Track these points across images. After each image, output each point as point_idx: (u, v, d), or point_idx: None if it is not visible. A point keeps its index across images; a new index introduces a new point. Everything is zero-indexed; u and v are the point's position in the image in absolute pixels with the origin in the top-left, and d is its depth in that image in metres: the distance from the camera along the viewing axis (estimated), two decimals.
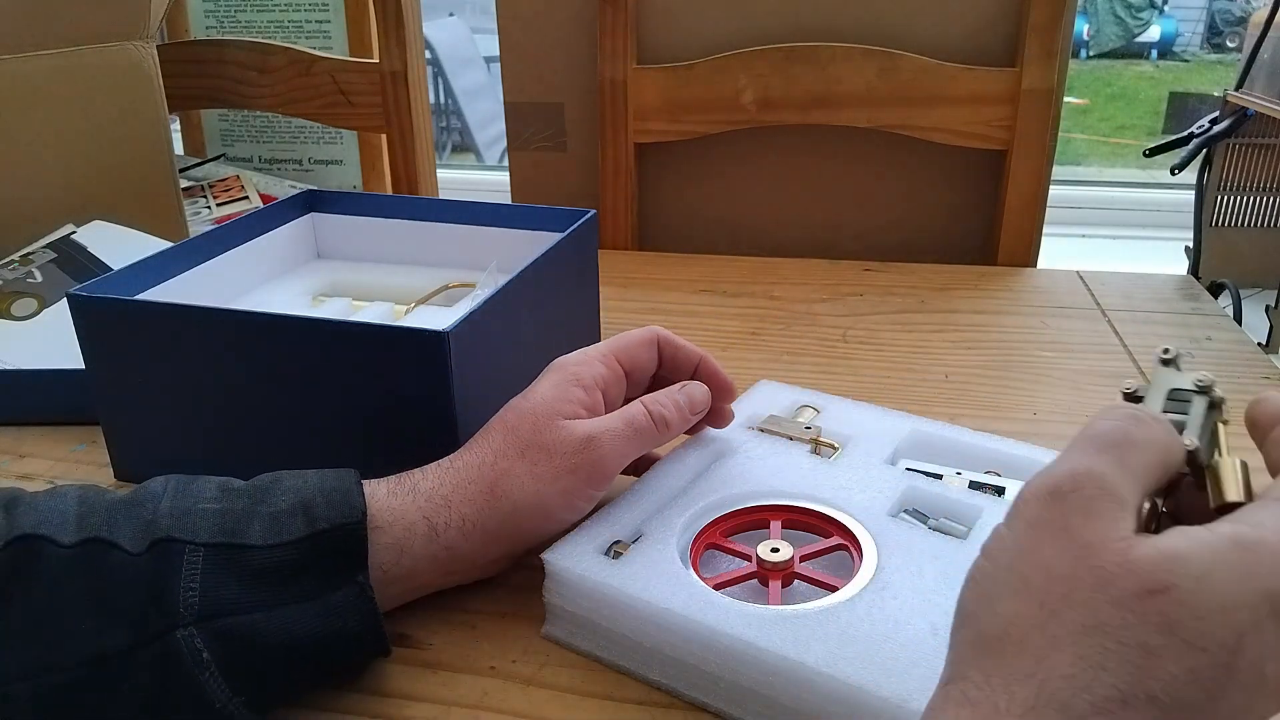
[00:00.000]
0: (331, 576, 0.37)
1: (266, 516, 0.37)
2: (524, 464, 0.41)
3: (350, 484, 0.39)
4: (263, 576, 0.36)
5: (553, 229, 0.64)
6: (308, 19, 1.24)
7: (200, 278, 0.61)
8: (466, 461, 0.42)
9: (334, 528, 0.37)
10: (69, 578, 0.35)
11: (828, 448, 0.50)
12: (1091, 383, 0.67)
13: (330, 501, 0.38)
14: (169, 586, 0.35)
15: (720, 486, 0.46)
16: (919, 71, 0.91)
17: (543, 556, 0.41)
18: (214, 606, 0.35)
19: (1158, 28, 4.49)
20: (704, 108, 0.95)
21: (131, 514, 0.37)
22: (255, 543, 0.37)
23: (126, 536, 0.36)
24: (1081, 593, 0.24)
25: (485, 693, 0.40)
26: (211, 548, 0.36)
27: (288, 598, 0.36)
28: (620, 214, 1.00)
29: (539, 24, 0.98)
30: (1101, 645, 0.24)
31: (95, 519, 0.36)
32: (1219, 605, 0.23)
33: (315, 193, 0.73)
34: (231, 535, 0.37)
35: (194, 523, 0.37)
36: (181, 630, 0.34)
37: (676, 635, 0.38)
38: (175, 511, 0.37)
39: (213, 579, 0.35)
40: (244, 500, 0.38)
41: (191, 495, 0.38)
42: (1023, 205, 0.93)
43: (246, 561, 0.36)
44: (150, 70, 0.86)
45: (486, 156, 3.22)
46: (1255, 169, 1.50)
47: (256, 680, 0.36)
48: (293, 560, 0.37)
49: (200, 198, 1.09)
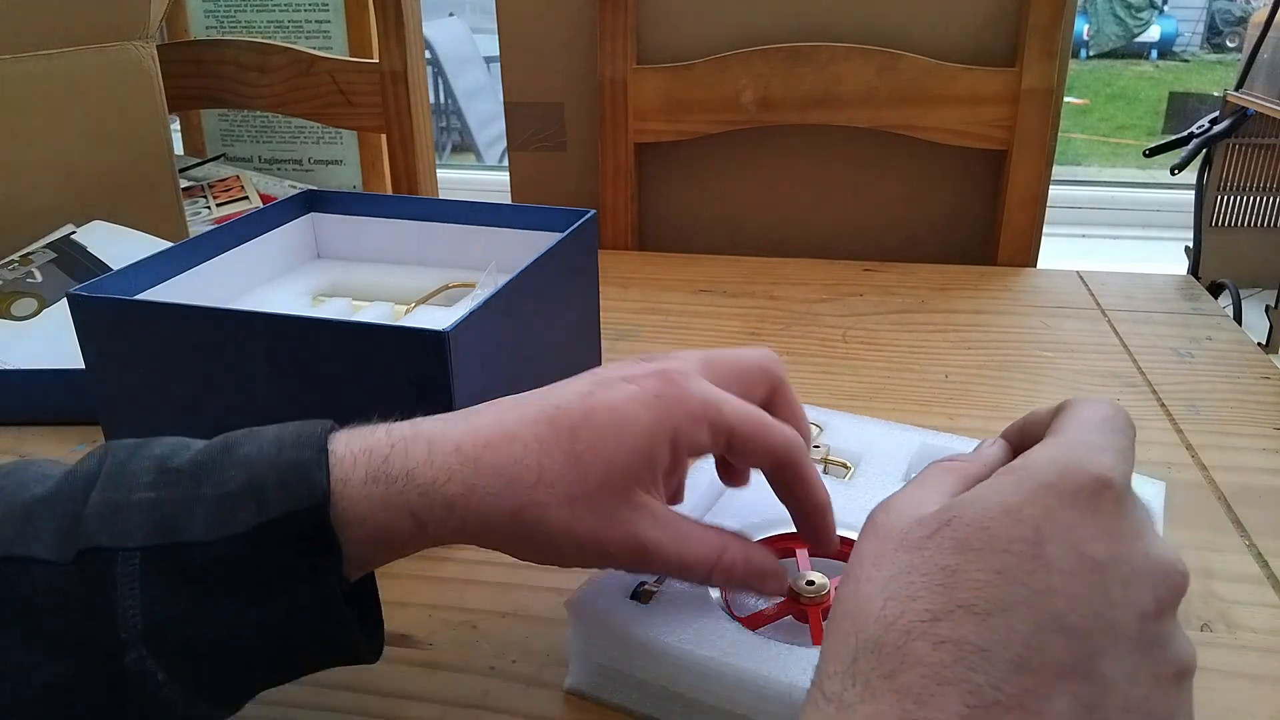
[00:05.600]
0: (290, 573, 0.30)
1: (211, 501, 0.30)
2: (566, 516, 0.32)
3: (310, 455, 0.31)
4: (211, 577, 0.30)
5: (553, 229, 0.64)
6: (308, 19, 1.24)
7: (200, 278, 0.61)
8: (496, 460, 0.32)
9: (286, 515, 0.30)
10: None
11: (839, 467, 0.49)
12: (1091, 383, 0.67)
13: (285, 481, 0.30)
14: (105, 605, 0.29)
15: (737, 516, 0.44)
16: (919, 71, 0.91)
17: (566, 604, 0.39)
18: (160, 622, 0.29)
19: (1158, 28, 4.50)
20: (704, 108, 0.95)
21: (55, 511, 0.30)
22: (198, 538, 0.30)
23: (47, 544, 0.30)
24: (886, 557, 0.26)
25: (485, 693, 0.40)
26: (148, 551, 0.30)
27: (244, 601, 0.30)
28: (620, 214, 1.00)
29: (539, 24, 0.98)
30: (908, 582, 0.25)
31: (9, 529, 0.30)
32: (1001, 509, 0.25)
33: (315, 193, 0.73)
34: (169, 534, 0.30)
35: (125, 521, 0.30)
36: (129, 655, 0.29)
37: (720, 683, 0.35)
38: (105, 508, 0.30)
39: (154, 590, 0.29)
40: (184, 485, 0.31)
41: (124, 482, 0.31)
42: (1023, 205, 0.93)
43: (189, 562, 0.30)
44: (150, 70, 0.86)
45: (486, 156, 3.22)
46: (1255, 169, 1.50)
47: (222, 687, 0.32)
48: (243, 556, 0.30)
49: (200, 198, 1.09)
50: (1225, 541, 0.50)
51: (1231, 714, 0.39)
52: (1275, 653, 0.42)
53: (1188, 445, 0.59)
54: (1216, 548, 0.49)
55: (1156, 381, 0.67)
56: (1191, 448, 0.59)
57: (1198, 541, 0.49)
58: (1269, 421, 0.62)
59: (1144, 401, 0.65)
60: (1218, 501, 0.53)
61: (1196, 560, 0.48)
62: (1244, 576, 0.47)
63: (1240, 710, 0.39)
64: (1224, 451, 0.58)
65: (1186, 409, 0.63)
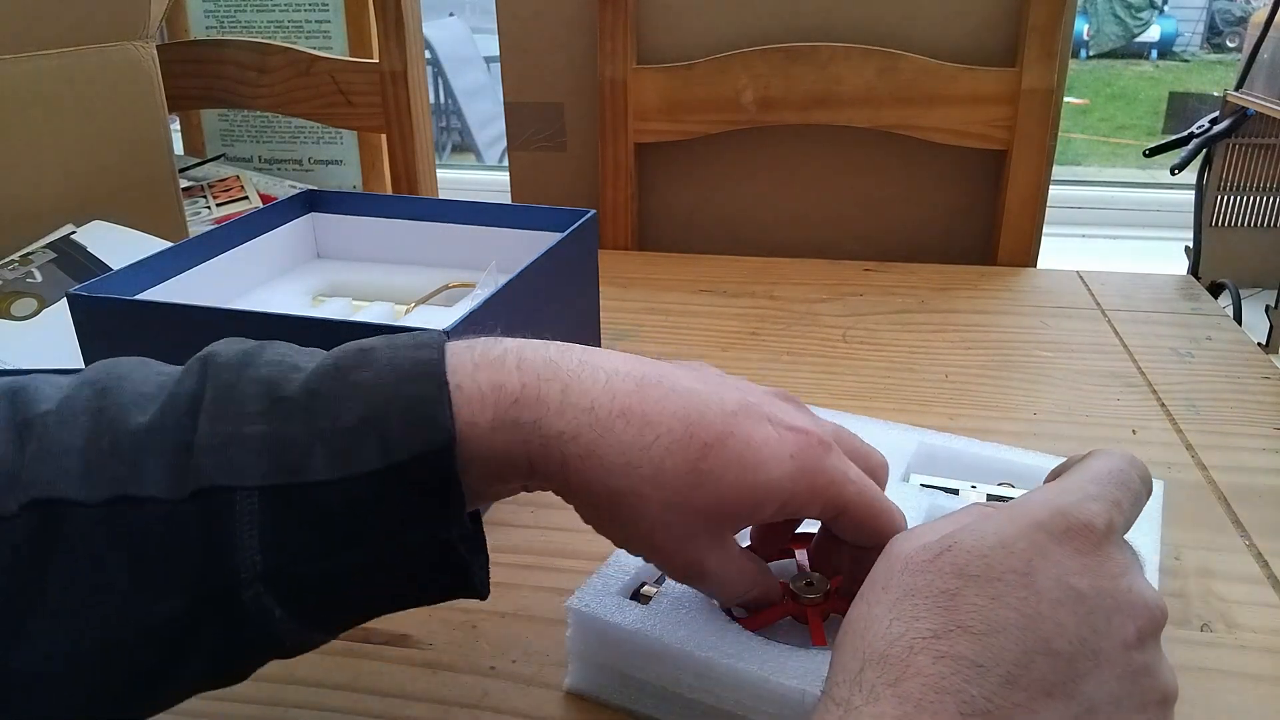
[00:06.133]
0: (414, 517, 0.30)
1: (330, 437, 0.29)
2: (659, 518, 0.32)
3: (433, 390, 0.30)
4: (332, 518, 0.29)
5: (553, 229, 0.64)
6: (308, 19, 1.24)
7: (200, 278, 0.61)
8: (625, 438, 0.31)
9: (412, 459, 0.29)
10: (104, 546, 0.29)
11: None
12: (1091, 383, 0.67)
13: (409, 417, 0.29)
14: (224, 544, 0.29)
15: None
16: (919, 71, 0.91)
17: (565, 605, 0.39)
18: (279, 561, 0.29)
19: (1158, 28, 4.50)
20: (704, 108, 0.95)
21: (163, 444, 0.29)
22: (319, 478, 0.29)
23: (158, 481, 0.29)
24: (894, 580, 0.28)
25: (485, 693, 0.40)
26: (266, 491, 0.29)
27: (365, 541, 0.30)
28: (620, 214, 1.00)
29: (539, 24, 0.98)
30: (912, 603, 0.27)
31: (119, 462, 0.29)
32: (997, 541, 0.27)
33: (315, 193, 0.73)
34: (288, 472, 0.29)
35: (240, 458, 0.29)
36: (246, 591, 0.29)
37: (719, 684, 0.36)
38: (215, 441, 0.29)
39: (273, 529, 0.29)
40: (299, 417, 0.30)
41: (233, 410, 0.30)
42: (1022, 205, 0.93)
43: (310, 502, 0.29)
44: (150, 70, 0.86)
45: (486, 156, 3.22)
46: (1255, 169, 1.50)
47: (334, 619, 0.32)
48: (366, 498, 0.29)
49: (200, 198, 1.09)
50: (1225, 541, 0.50)
51: (1231, 714, 0.39)
52: (1275, 653, 0.42)
53: (1188, 445, 0.59)
54: (1216, 548, 0.49)
55: (1156, 381, 0.67)
56: (1191, 448, 0.59)
57: (1198, 541, 0.49)
58: (1269, 421, 0.62)
59: (1144, 401, 0.65)
60: (1218, 501, 0.53)
61: (1196, 560, 0.48)
62: (1244, 576, 0.47)
63: (1240, 710, 0.39)
64: (1224, 451, 0.58)
65: (1186, 409, 0.63)
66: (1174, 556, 0.48)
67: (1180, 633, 0.43)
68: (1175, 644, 0.42)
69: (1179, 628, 0.43)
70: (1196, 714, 0.39)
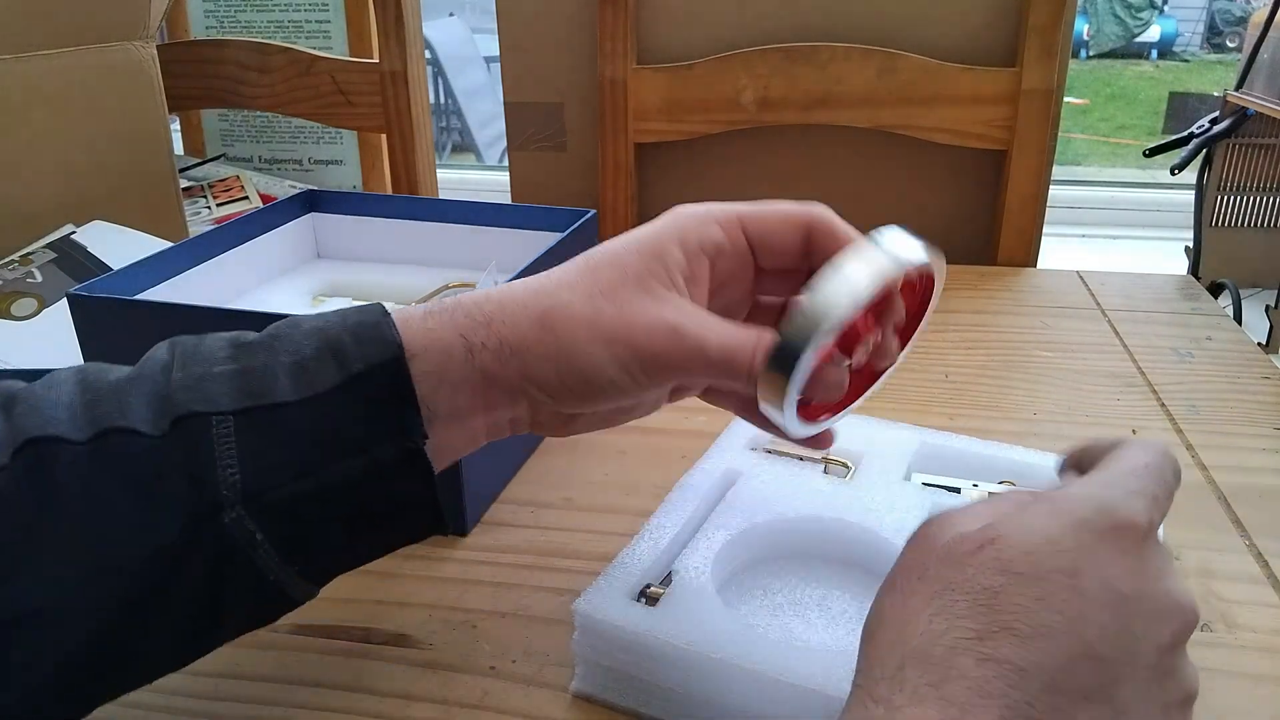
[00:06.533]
0: (376, 425, 0.32)
1: (291, 366, 0.32)
2: (588, 308, 0.34)
3: (378, 316, 0.34)
4: (302, 434, 0.32)
5: (553, 229, 0.64)
6: (308, 19, 1.24)
7: (200, 278, 0.61)
8: (525, 284, 0.36)
9: (370, 369, 0.32)
10: (96, 477, 0.31)
11: (840, 466, 0.49)
12: (1091, 383, 0.67)
13: (359, 338, 0.33)
14: (205, 466, 0.31)
15: (741, 515, 0.44)
16: (919, 71, 0.91)
17: (572, 608, 0.38)
18: (256, 481, 0.31)
19: (1158, 28, 4.50)
20: (704, 108, 0.95)
21: (141, 390, 0.32)
22: (287, 398, 0.32)
23: (142, 419, 0.31)
24: (931, 570, 0.28)
25: (485, 693, 0.40)
26: (240, 414, 0.31)
27: (333, 455, 0.32)
28: (620, 214, 1.00)
29: (539, 24, 0.98)
30: (952, 599, 0.26)
31: (104, 406, 0.32)
32: (1043, 538, 0.27)
33: (315, 193, 0.73)
34: (257, 396, 0.32)
35: (212, 389, 0.32)
36: (228, 513, 0.31)
37: (729, 684, 0.36)
38: (188, 381, 0.32)
39: (249, 449, 0.31)
40: (261, 354, 0.33)
41: (202, 359, 0.33)
42: (1023, 205, 0.93)
43: (280, 422, 0.32)
44: (150, 70, 0.86)
45: (486, 156, 3.22)
46: (1255, 169, 1.50)
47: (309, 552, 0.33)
48: (330, 412, 0.32)
49: (200, 198, 1.09)
50: (1225, 541, 0.50)
51: (1231, 714, 0.39)
52: (1275, 653, 0.42)
53: (1188, 445, 0.59)
54: (1216, 548, 0.49)
55: (1156, 381, 0.67)
56: (1191, 448, 0.59)
57: (1198, 541, 0.49)
58: (1269, 421, 0.62)
59: (1144, 401, 0.65)
60: (1218, 501, 0.53)
61: (1196, 560, 0.48)
62: (1244, 576, 0.47)
63: (1240, 710, 0.39)
64: (1224, 451, 0.58)
65: (1186, 409, 0.63)
66: (1174, 556, 0.48)
67: None
68: None
69: None
70: (1197, 714, 0.39)
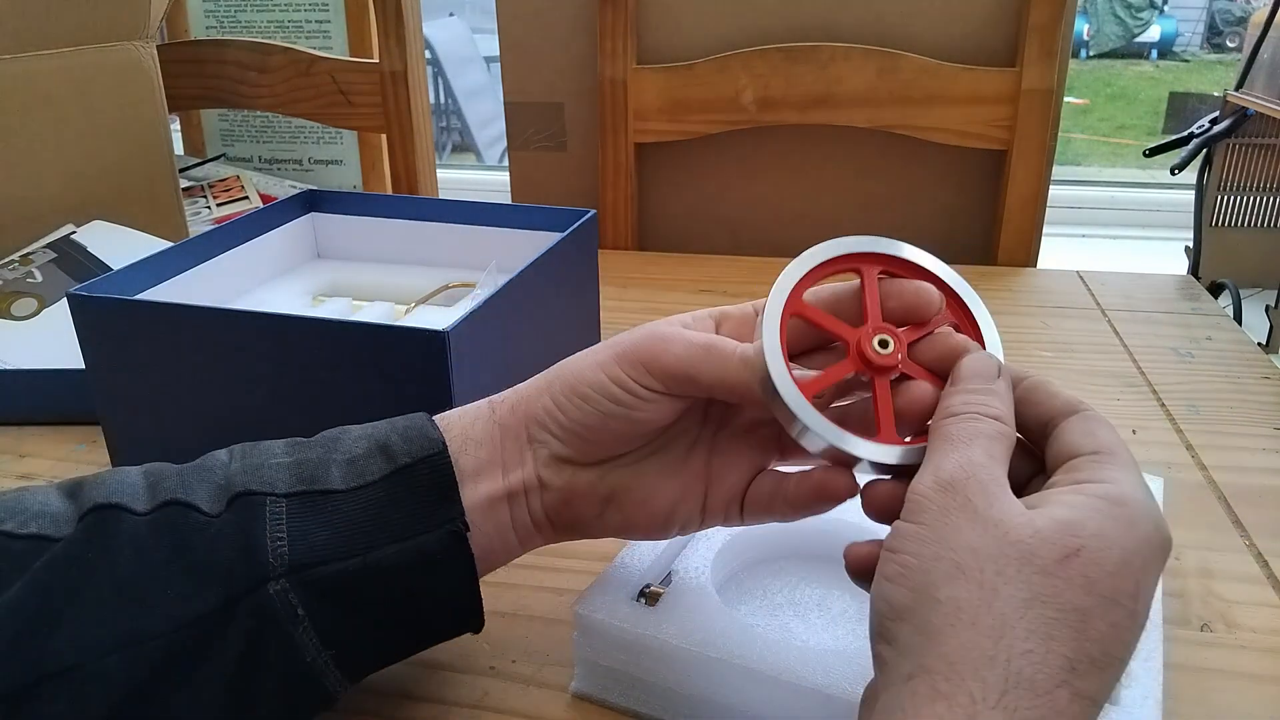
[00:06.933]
0: (420, 514, 0.35)
1: (343, 462, 0.35)
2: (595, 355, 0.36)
3: (423, 421, 0.37)
4: (350, 521, 0.34)
5: (553, 229, 0.64)
6: (308, 19, 1.24)
7: (200, 278, 0.61)
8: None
9: (416, 462, 0.35)
10: (151, 543, 0.33)
11: None
12: (1091, 383, 0.67)
13: (406, 438, 0.36)
14: (256, 539, 0.33)
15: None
16: (919, 71, 0.91)
17: (572, 608, 0.39)
18: (304, 556, 0.33)
19: (1158, 28, 4.49)
20: (704, 108, 0.95)
21: (202, 478, 0.35)
22: (337, 487, 0.35)
23: (202, 498, 0.34)
24: (1011, 568, 0.26)
25: (485, 693, 0.40)
26: (293, 497, 0.34)
27: (379, 539, 0.34)
28: (620, 214, 1.00)
29: (539, 24, 0.98)
30: (1044, 615, 0.25)
31: (167, 484, 0.35)
32: (1121, 558, 0.26)
33: (315, 193, 0.73)
34: (311, 482, 0.35)
35: (269, 476, 0.35)
36: (273, 584, 0.33)
37: (729, 683, 0.36)
38: (247, 469, 0.35)
39: (299, 527, 0.34)
40: (316, 450, 0.36)
41: (259, 455, 0.36)
42: (1022, 205, 0.93)
43: (331, 507, 0.34)
44: (150, 70, 0.86)
45: (486, 156, 3.22)
46: (1255, 169, 1.50)
47: (348, 637, 0.34)
48: (379, 500, 0.35)
49: (200, 198, 1.09)
50: (1225, 541, 0.50)
51: (1231, 714, 0.39)
52: (1275, 653, 0.42)
53: (1188, 445, 0.59)
54: (1216, 548, 0.49)
55: (1156, 381, 0.67)
56: (1191, 448, 0.59)
57: (1198, 541, 0.49)
58: (1269, 421, 0.62)
59: (1144, 401, 0.65)
60: (1218, 501, 0.53)
61: (1196, 560, 0.48)
62: (1244, 576, 0.47)
63: (1240, 710, 0.39)
64: (1224, 451, 0.58)
65: (1186, 409, 0.63)
66: (1174, 556, 0.48)
67: (1180, 633, 0.43)
68: (1175, 644, 0.42)
69: (1179, 628, 0.43)
70: (1197, 714, 0.39)
